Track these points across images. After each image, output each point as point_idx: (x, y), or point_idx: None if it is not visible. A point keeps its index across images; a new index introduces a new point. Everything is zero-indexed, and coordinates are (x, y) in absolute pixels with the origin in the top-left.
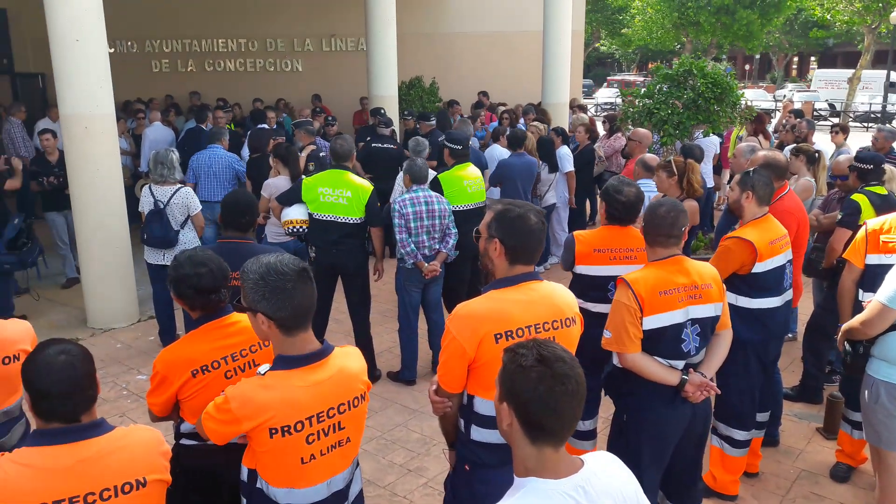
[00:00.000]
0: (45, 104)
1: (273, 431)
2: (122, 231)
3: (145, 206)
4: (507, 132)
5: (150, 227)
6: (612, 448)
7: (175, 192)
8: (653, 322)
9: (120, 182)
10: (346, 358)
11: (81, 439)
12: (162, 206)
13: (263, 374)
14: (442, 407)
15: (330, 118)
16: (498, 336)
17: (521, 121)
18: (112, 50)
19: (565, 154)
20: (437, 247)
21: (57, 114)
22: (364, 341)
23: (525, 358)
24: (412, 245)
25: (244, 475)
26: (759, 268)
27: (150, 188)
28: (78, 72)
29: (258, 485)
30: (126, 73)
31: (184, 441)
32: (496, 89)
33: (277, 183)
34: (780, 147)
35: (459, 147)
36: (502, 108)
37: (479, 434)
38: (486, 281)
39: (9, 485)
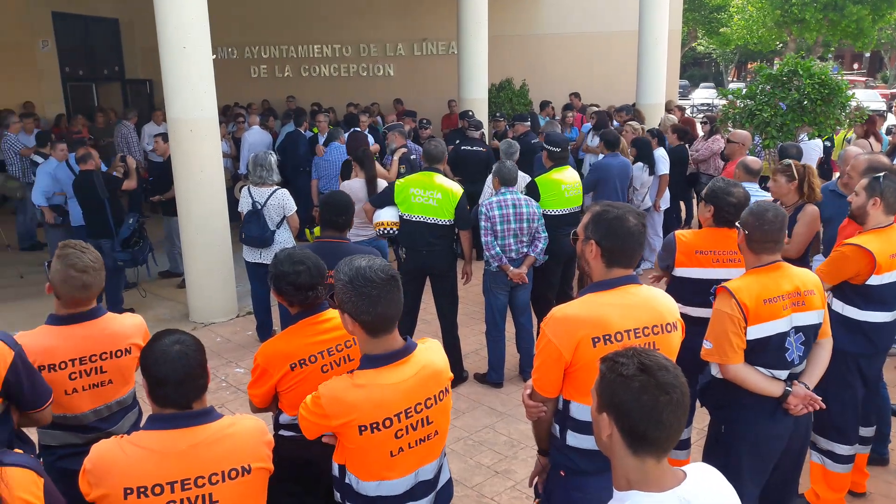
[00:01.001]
0: (151, 109)
1: (362, 428)
2: (224, 230)
3: (244, 206)
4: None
5: (247, 227)
6: (707, 460)
7: (272, 194)
8: (757, 332)
9: (222, 183)
10: (429, 353)
11: (193, 425)
12: (259, 207)
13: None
14: (536, 411)
15: (424, 121)
16: (595, 340)
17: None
18: (214, 56)
19: (661, 156)
20: (525, 250)
21: (160, 118)
22: (451, 343)
23: (626, 367)
24: (498, 248)
25: (335, 470)
26: (875, 280)
27: (248, 189)
28: (185, 78)
29: (347, 480)
30: (226, 78)
31: (282, 432)
32: (588, 91)
33: (353, 185)
34: (893, 151)
35: (558, 149)
36: (593, 110)
37: (575, 440)
38: (582, 284)
39: (126, 465)
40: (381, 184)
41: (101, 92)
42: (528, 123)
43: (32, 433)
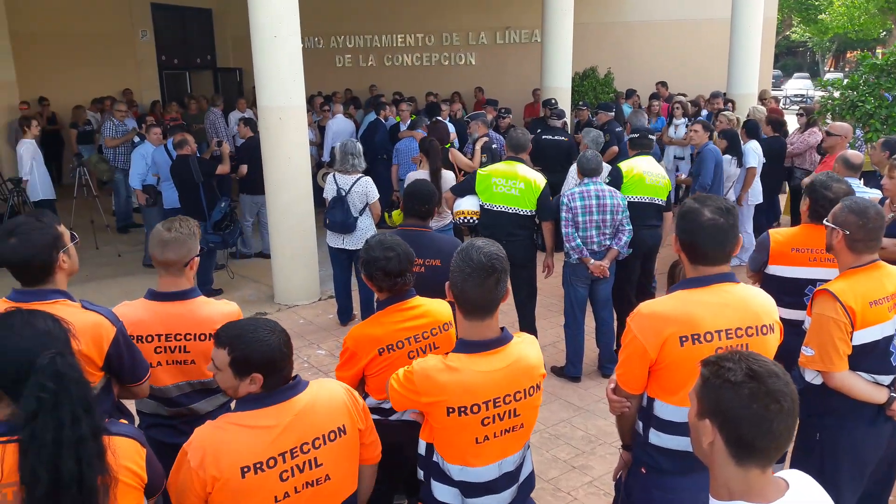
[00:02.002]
0: (241, 97)
1: (450, 410)
2: (309, 216)
3: (329, 193)
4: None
5: (332, 213)
6: (800, 468)
7: (356, 182)
8: (864, 336)
9: (308, 170)
10: (524, 347)
11: (291, 397)
12: (343, 194)
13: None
14: (619, 406)
15: (503, 110)
16: (683, 339)
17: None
18: (303, 46)
19: (752, 148)
20: (608, 243)
21: (244, 105)
22: (529, 334)
23: (733, 372)
24: (578, 240)
25: (422, 448)
26: None
27: (334, 176)
28: (274, 66)
29: (434, 458)
30: (312, 67)
31: None
32: (676, 80)
33: (415, 176)
34: None
35: (636, 135)
36: (680, 99)
37: (658, 438)
38: (673, 281)
39: (237, 445)
40: (446, 176)
41: (193, 80)
42: (612, 113)
43: (130, 404)
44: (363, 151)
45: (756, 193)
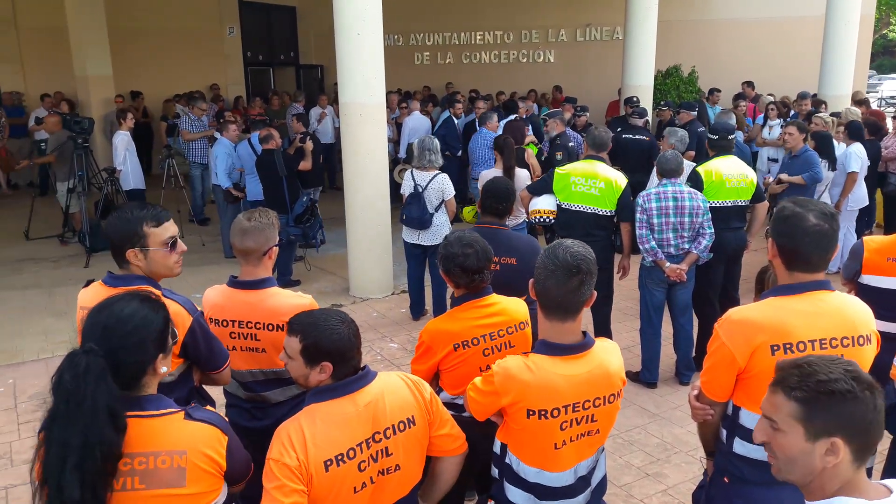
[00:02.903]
0: (321, 93)
1: (530, 412)
2: (385, 211)
3: (406, 189)
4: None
5: (408, 209)
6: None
7: (433, 178)
8: None
9: (386, 166)
10: (606, 353)
11: (362, 387)
12: (420, 190)
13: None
14: (702, 414)
15: (580, 108)
16: (775, 348)
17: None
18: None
19: (855, 152)
20: (687, 247)
21: (325, 101)
22: (611, 341)
23: (841, 382)
24: (652, 242)
25: (496, 447)
26: None
27: (411, 173)
28: (356, 63)
29: (507, 459)
30: (391, 65)
31: None
32: (763, 80)
33: (488, 175)
34: None
35: (716, 137)
36: (769, 100)
37: (743, 448)
38: (762, 287)
39: (316, 438)
40: (520, 174)
41: (277, 76)
42: (695, 112)
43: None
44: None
45: (860, 198)
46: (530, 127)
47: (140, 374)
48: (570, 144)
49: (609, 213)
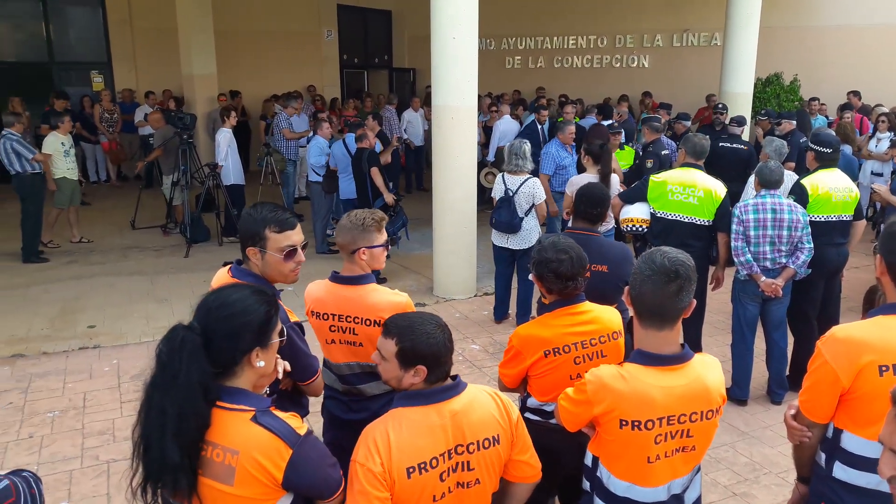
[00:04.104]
0: (413, 96)
1: (623, 423)
2: (471, 213)
3: (497, 192)
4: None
5: (498, 212)
6: None
7: (524, 182)
8: None
9: (475, 169)
10: (705, 368)
11: (451, 397)
12: (511, 194)
13: None
14: (800, 435)
15: (679, 115)
16: (883, 368)
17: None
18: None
19: None
20: (784, 261)
21: (418, 104)
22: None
23: None
24: (748, 255)
25: (588, 460)
26: None
27: (503, 177)
28: (450, 67)
29: (598, 473)
30: (482, 68)
31: (528, 415)
32: (872, 90)
33: (580, 180)
34: None
35: (828, 150)
36: (882, 110)
37: (844, 473)
38: (870, 307)
39: (401, 444)
40: (612, 180)
41: (370, 78)
42: (794, 122)
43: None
44: None
45: None
46: (623, 133)
47: (233, 362)
48: (664, 152)
49: (707, 223)
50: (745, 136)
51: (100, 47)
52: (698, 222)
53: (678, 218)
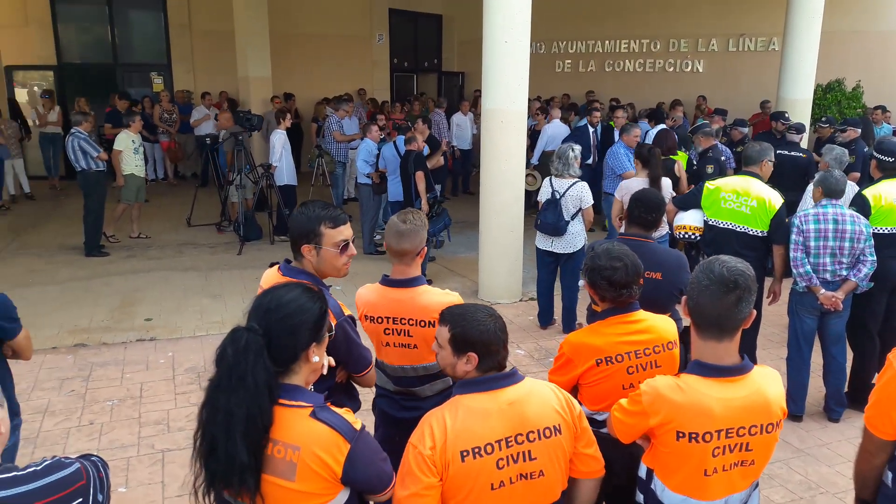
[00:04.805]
0: (461, 100)
1: (680, 435)
2: (519, 217)
3: (544, 195)
4: None
5: (544, 215)
6: None
7: (571, 186)
8: None
9: (523, 173)
10: (766, 379)
11: (507, 385)
12: (558, 197)
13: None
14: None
15: (736, 121)
16: None
17: None
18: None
19: None
20: (845, 273)
21: (467, 107)
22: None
23: None
24: (808, 266)
25: (642, 472)
26: None
27: (550, 180)
28: (502, 70)
29: (652, 485)
30: (532, 72)
31: None
32: None
33: (631, 185)
34: None
35: (891, 160)
36: None
37: None
38: None
39: (457, 428)
40: (665, 185)
41: (420, 82)
42: (859, 130)
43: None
44: None
45: None
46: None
47: (292, 359)
48: (723, 158)
49: (761, 234)
50: (804, 144)
51: (160, 50)
52: (751, 232)
53: (730, 227)
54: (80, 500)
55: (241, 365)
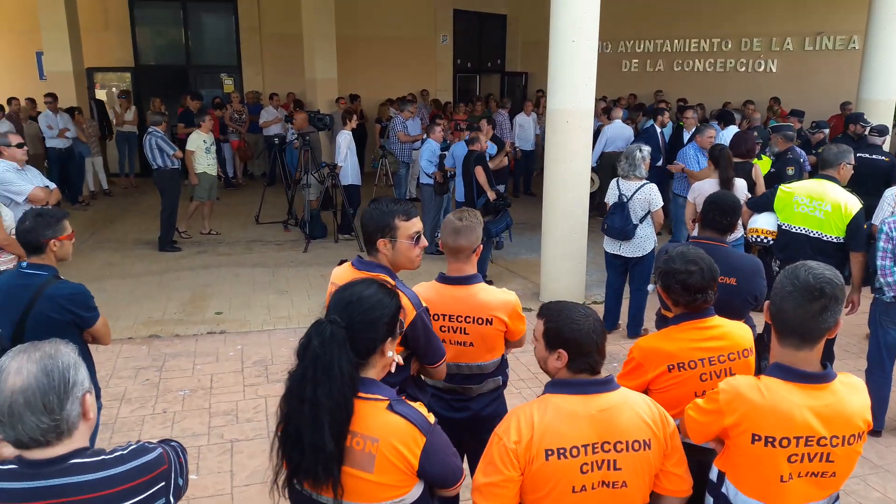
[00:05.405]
0: (524, 100)
1: (755, 438)
2: (583, 219)
3: (611, 197)
4: None
5: (611, 218)
6: None
7: (640, 188)
8: None
9: (588, 174)
10: (850, 390)
11: (601, 391)
12: (625, 200)
13: None
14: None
15: (815, 124)
16: None
17: None
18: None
19: None
20: None
21: (530, 108)
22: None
23: None
24: None
25: (713, 475)
26: None
27: (617, 182)
28: (568, 70)
29: (724, 488)
30: (598, 72)
31: None
32: None
33: (703, 186)
34: None
35: None
36: None
37: None
38: None
39: (544, 427)
40: (739, 186)
41: (483, 82)
42: None
43: None
44: None
45: None
46: None
47: (370, 351)
48: (802, 160)
49: (836, 240)
50: (886, 147)
51: (231, 52)
52: (825, 238)
53: (803, 231)
54: (163, 483)
55: (327, 356)
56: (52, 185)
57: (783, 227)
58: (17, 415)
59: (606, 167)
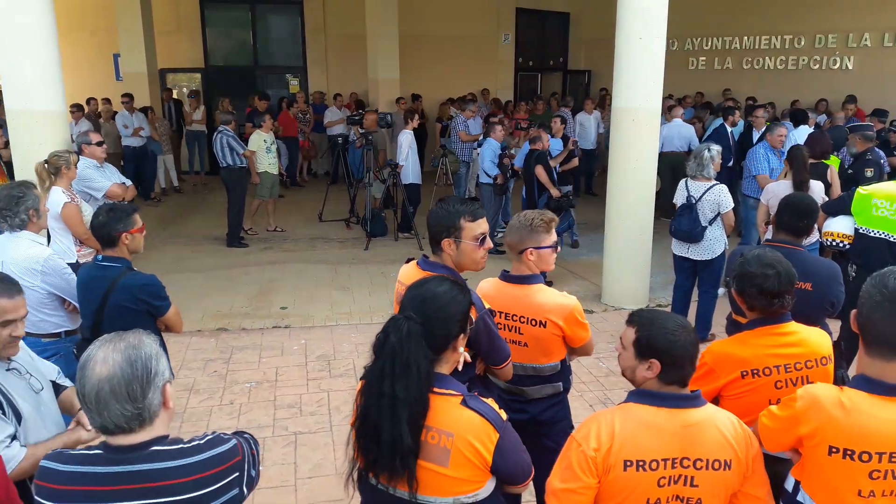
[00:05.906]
0: (586, 98)
1: (833, 450)
2: (648, 220)
3: (679, 199)
4: None
5: (679, 220)
6: None
7: (709, 189)
8: None
9: (654, 174)
10: None
11: (686, 407)
12: (694, 202)
13: None
14: None
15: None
16: None
17: None
18: None
19: None
20: None
21: (592, 106)
22: None
23: None
24: None
25: (789, 484)
26: None
27: (685, 182)
28: (635, 68)
29: (799, 497)
30: (665, 69)
31: None
32: None
33: (777, 188)
34: None
35: None
36: None
37: None
38: None
39: (624, 437)
40: (815, 188)
41: (544, 81)
42: None
43: None
44: None
45: None
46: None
47: (443, 347)
48: (882, 161)
49: None
50: None
51: (297, 52)
52: None
53: (882, 236)
54: (237, 474)
55: (405, 352)
56: (129, 182)
57: (860, 230)
58: (103, 402)
59: (663, 167)
